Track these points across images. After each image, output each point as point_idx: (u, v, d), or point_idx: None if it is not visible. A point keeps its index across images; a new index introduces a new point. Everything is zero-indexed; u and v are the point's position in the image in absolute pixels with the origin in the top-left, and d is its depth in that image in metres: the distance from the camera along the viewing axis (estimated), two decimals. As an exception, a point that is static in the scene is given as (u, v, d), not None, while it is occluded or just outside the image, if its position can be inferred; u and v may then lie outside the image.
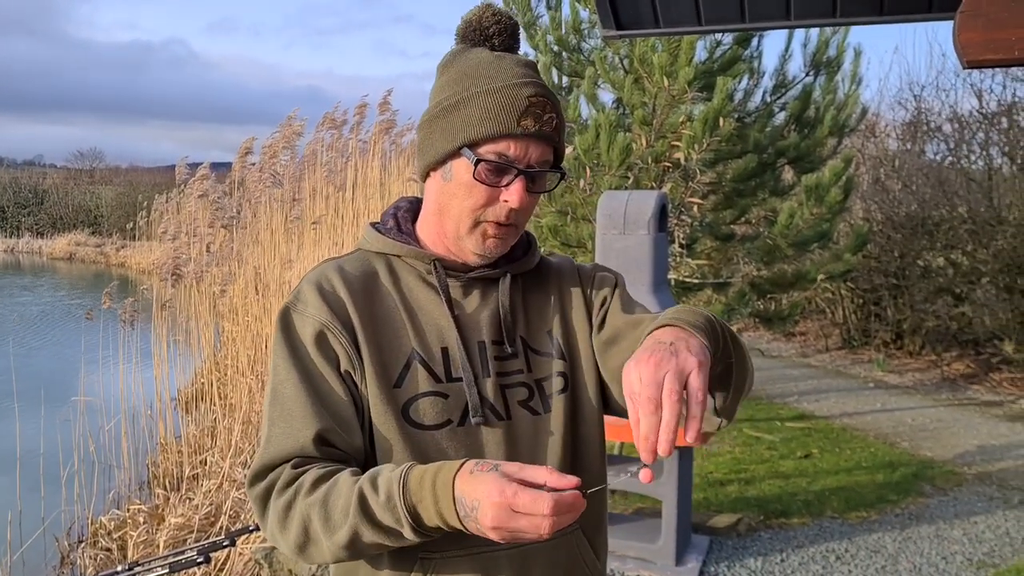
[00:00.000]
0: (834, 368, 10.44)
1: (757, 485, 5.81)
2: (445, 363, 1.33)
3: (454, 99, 1.31)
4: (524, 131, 1.28)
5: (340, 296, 1.33)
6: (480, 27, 1.36)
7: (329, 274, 1.36)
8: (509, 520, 1.05)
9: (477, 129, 1.28)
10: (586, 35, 7.26)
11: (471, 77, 1.32)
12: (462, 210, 1.32)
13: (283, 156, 7.37)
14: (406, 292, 1.37)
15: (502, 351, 1.36)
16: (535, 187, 1.32)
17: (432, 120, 1.34)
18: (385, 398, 1.29)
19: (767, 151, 6.78)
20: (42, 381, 8.10)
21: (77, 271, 30.25)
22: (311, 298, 1.33)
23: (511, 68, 1.32)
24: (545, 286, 1.47)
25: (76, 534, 5.69)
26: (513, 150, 1.28)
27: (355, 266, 1.39)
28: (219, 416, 6.79)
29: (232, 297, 7.59)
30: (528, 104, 1.29)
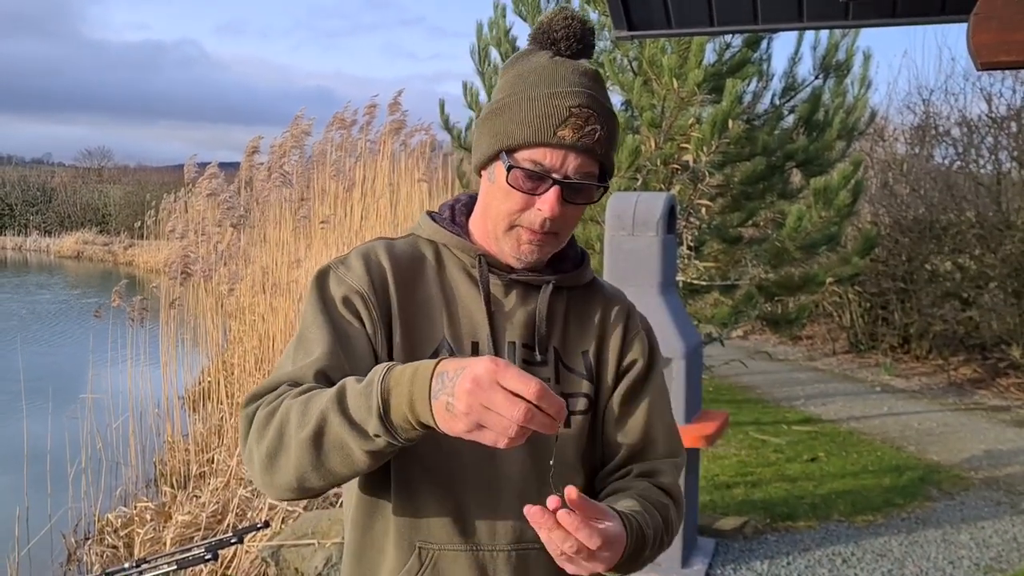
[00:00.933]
0: (841, 372, 10.42)
1: (763, 488, 5.81)
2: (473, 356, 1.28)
3: (504, 101, 1.31)
4: (561, 141, 1.26)
5: (384, 272, 1.34)
6: (549, 30, 1.34)
7: (379, 250, 1.37)
8: (489, 389, 0.99)
9: (515, 135, 1.28)
10: (595, 37, 7.25)
11: (523, 80, 1.31)
12: (499, 212, 1.31)
13: (292, 155, 7.39)
14: (448, 281, 1.38)
15: (531, 356, 1.36)
16: (574, 198, 1.29)
17: (483, 120, 1.34)
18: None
19: (776, 154, 6.77)
20: (50, 379, 8.13)
21: (85, 269, 30.35)
22: (356, 265, 1.34)
23: (564, 75, 1.30)
24: (591, 307, 1.45)
25: (83, 531, 5.71)
26: (549, 159, 1.26)
27: (405, 248, 1.39)
28: (226, 415, 6.80)
29: (239, 296, 7.61)
30: (569, 114, 1.26)
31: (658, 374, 1.47)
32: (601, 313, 1.44)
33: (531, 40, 1.37)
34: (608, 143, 1.30)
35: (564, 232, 1.34)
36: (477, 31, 8.06)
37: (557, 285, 1.39)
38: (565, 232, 1.35)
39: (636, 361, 1.44)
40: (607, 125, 1.30)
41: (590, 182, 1.30)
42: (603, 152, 1.30)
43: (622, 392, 1.42)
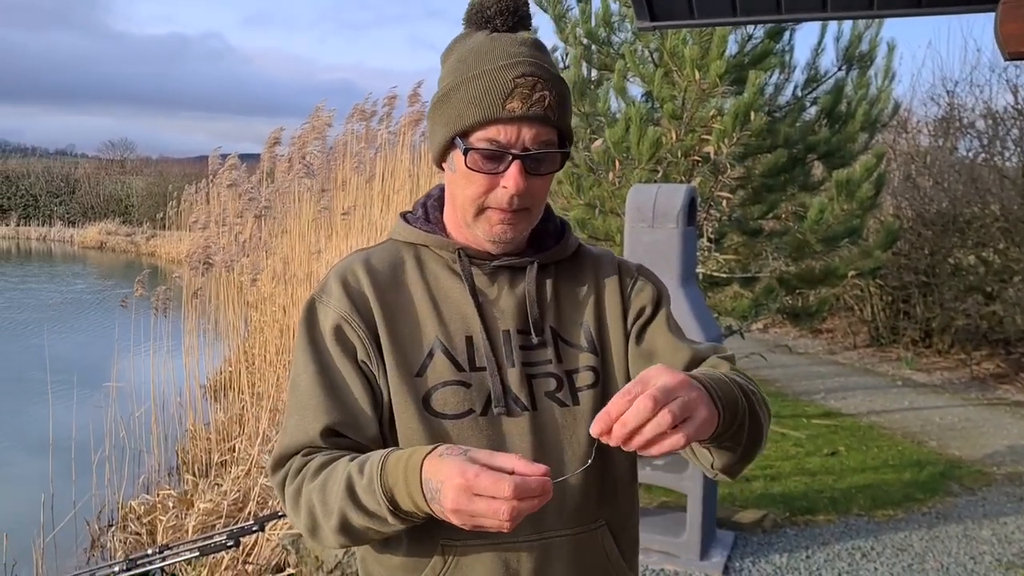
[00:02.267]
0: (862, 365, 10.36)
1: (783, 482, 5.79)
2: (469, 352, 1.31)
3: (446, 88, 1.29)
4: (511, 114, 1.23)
5: (363, 289, 1.33)
6: (481, 8, 1.32)
7: (355, 266, 1.36)
8: (469, 503, 1.04)
9: (464, 117, 1.26)
10: (616, 28, 7.23)
11: (462, 63, 1.29)
12: (465, 199, 1.30)
13: (313, 147, 7.42)
14: (432, 282, 1.36)
15: (528, 341, 1.34)
16: (537, 169, 1.27)
17: (432, 110, 1.33)
18: (406, 387, 1.28)
19: (797, 146, 6.72)
20: (75, 368, 8.22)
21: (108, 260, 30.60)
22: (335, 290, 1.33)
23: (503, 48, 1.27)
24: (580, 276, 1.43)
25: (107, 518, 5.78)
26: (504, 135, 1.24)
27: (383, 257, 1.38)
28: (247, 404, 6.86)
29: (260, 286, 7.66)
30: (514, 86, 1.24)
31: (668, 307, 1.46)
32: (592, 280, 1.43)
33: (465, 22, 1.34)
34: (560, 108, 1.27)
35: (535, 206, 1.32)
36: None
37: (542, 263, 1.38)
38: (536, 206, 1.32)
39: (645, 308, 1.42)
40: (556, 89, 1.26)
41: (550, 150, 1.27)
42: (557, 117, 1.26)
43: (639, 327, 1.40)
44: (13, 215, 42.01)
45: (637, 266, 1.49)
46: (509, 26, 1.31)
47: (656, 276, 1.50)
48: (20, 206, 42.95)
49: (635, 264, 1.50)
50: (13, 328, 14.92)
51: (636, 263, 1.51)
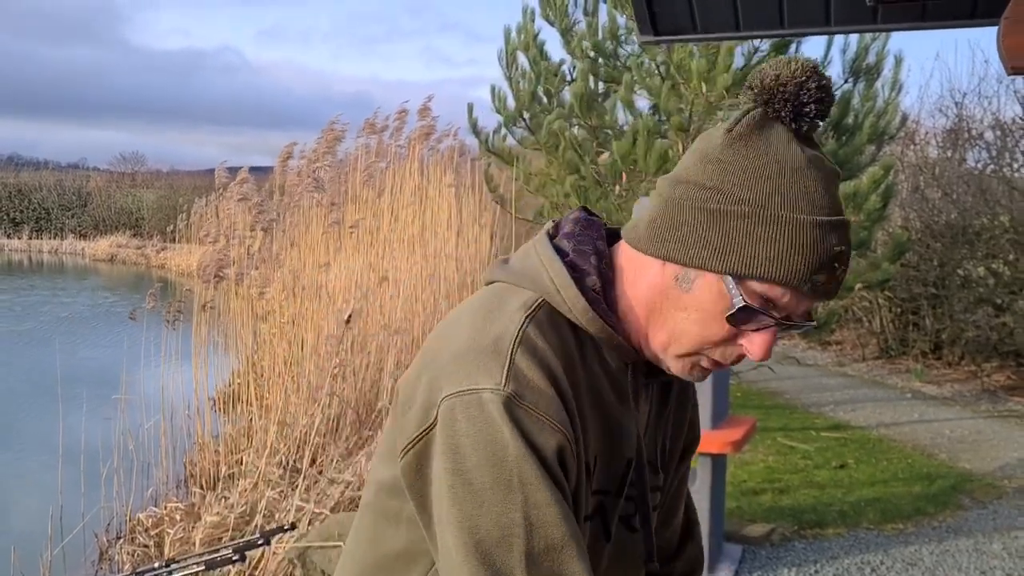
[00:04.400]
0: (871, 378, 10.33)
1: (791, 495, 5.77)
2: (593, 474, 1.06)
3: (746, 206, 0.97)
4: (813, 288, 0.98)
5: (564, 386, 0.99)
6: (794, 96, 0.99)
7: (544, 352, 0.99)
8: None
9: (755, 265, 0.97)
10: (623, 41, 7.26)
11: (775, 186, 0.97)
12: (686, 335, 1.02)
13: (324, 161, 7.46)
14: (594, 383, 1.06)
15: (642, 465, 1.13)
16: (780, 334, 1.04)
17: (707, 212, 0.99)
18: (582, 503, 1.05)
19: (803, 157, 6.72)
20: (85, 380, 8.26)
21: (118, 272, 30.77)
22: (545, 390, 0.97)
23: (824, 191, 0.98)
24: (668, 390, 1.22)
25: (115, 530, 5.79)
26: (788, 301, 0.99)
27: (551, 332, 1.02)
28: (255, 416, 6.87)
29: (269, 299, 7.69)
30: (834, 258, 0.98)
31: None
32: (676, 387, 1.22)
33: (761, 98, 1.00)
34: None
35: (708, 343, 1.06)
36: (505, 36, 8.07)
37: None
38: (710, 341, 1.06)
39: (697, 436, 1.29)
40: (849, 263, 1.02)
41: (807, 324, 1.03)
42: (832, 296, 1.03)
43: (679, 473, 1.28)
44: (25, 228, 42.33)
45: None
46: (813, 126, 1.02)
47: None
48: (32, 219, 43.28)
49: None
50: (25, 340, 15.02)
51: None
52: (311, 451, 5.80)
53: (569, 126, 7.14)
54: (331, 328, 6.68)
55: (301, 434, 6.08)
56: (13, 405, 9.53)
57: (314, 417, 5.98)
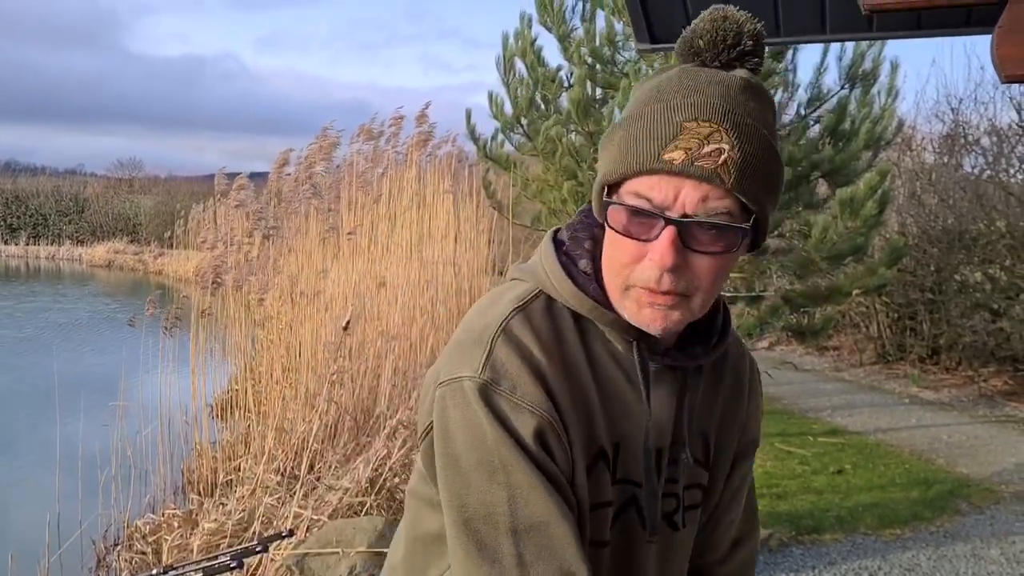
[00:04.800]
0: (868, 383, 10.34)
1: (789, 500, 5.77)
2: (619, 461, 1.07)
3: (613, 126, 1.02)
4: (667, 166, 0.93)
5: (547, 376, 1.01)
6: (692, 37, 1.01)
7: (526, 340, 1.02)
8: None
9: (617, 162, 0.98)
10: (620, 47, 7.27)
11: (637, 96, 1.01)
12: (610, 267, 1.03)
13: (320, 167, 7.47)
14: (597, 367, 1.06)
15: (676, 455, 1.11)
16: (700, 244, 0.95)
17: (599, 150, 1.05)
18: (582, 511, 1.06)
19: (801, 164, 6.74)
20: (83, 386, 8.26)
21: (116, 278, 30.75)
22: (522, 377, 0.99)
23: (689, 82, 0.97)
24: (718, 379, 1.19)
25: (112, 537, 5.78)
26: (657, 191, 0.94)
27: (543, 323, 1.04)
28: (253, 423, 6.87)
29: (267, 305, 7.69)
30: (680, 130, 0.93)
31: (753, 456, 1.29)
32: (730, 386, 1.19)
33: (676, 55, 1.05)
34: (744, 170, 0.94)
35: (698, 294, 0.99)
36: (503, 42, 8.09)
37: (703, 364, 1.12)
38: (700, 294, 0.99)
39: (753, 439, 1.25)
40: (743, 147, 0.94)
41: (718, 221, 0.95)
42: (734, 180, 0.93)
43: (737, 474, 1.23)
44: (23, 234, 42.34)
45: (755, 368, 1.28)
46: (722, 62, 1.00)
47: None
48: (29, 225, 43.30)
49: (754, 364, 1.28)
50: (25, 346, 15.01)
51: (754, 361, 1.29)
52: (309, 458, 5.80)
53: (567, 132, 7.14)
54: (329, 334, 6.68)
55: (299, 441, 6.08)
56: (13, 411, 9.53)
57: (312, 424, 5.98)
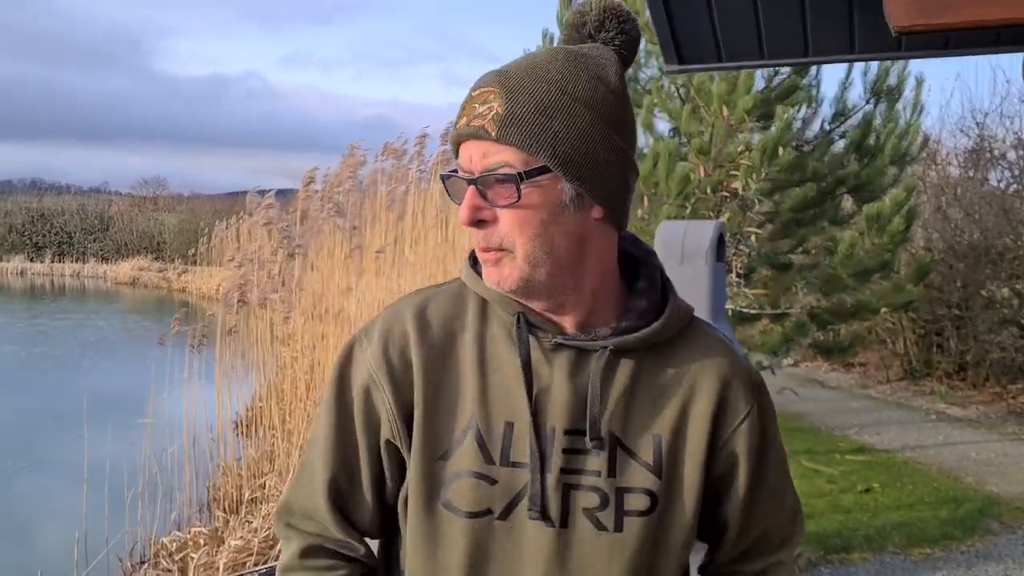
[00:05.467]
0: (895, 400, 10.23)
1: (816, 519, 5.71)
2: (505, 442, 1.08)
3: None
4: (457, 132, 1.05)
5: (408, 346, 1.11)
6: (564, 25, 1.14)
7: (406, 314, 1.14)
8: None
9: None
10: (643, 64, 7.29)
11: None
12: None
13: (346, 185, 7.52)
14: (488, 346, 1.11)
15: (577, 443, 1.08)
16: (495, 198, 1.03)
17: None
18: (424, 472, 1.09)
19: (826, 180, 6.72)
20: (110, 404, 8.32)
21: (141, 296, 31.03)
22: (376, 338, 1.14)
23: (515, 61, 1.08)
24: (675, 370, 1.12)
25: (139, 555, 5.81)
26: (460, 156, 1.06)
27: (443, 305, 1.15)
28: (278, 440, 6.89)
29: (291, 323, 7.74)
30: (468, 99, 1.05)
31: (772, 449, 1.18)
32: (689, 380, 1.12)
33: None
34: (508, 120, 1.00)
35: (518, 247, 1.04)
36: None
37: (619, 349, 1.09)
38: (520, 247, 1.04)
39: (740, 444, 1.14)
40: (513, 100, 1.01)
41: (494, 173, 1.01)
42: (498, 131, 1.00)
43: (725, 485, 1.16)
44: (48, 252, 42.82)
45: (755, 383, 1.17)
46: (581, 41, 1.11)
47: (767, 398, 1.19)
48: (55, 243, 43.79)
49: (754, 378, 1.18)
50: (53, 363, 15.17)
51: (754, 370, 1.20)
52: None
53: (589, 149, 7.17)
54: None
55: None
56: (44, 429, 9.65)
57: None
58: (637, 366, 1.10)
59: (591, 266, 1.08)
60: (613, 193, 1.06)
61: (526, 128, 1.00)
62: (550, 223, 1.03)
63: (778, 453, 1.20)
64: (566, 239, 1.04)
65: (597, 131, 1.03)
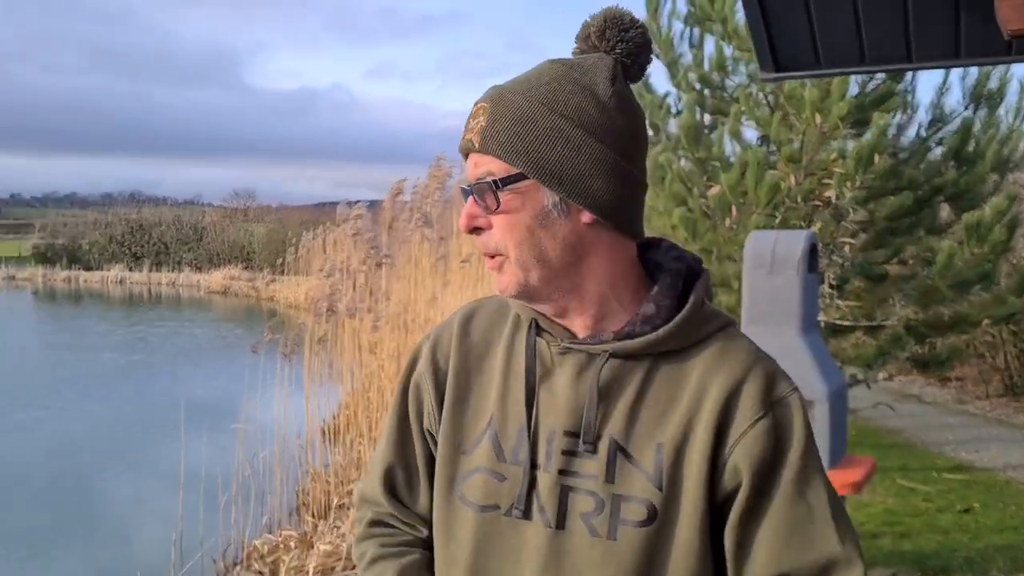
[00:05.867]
0: (995, 416, 9.81)
1: (913, 539, 5.52)
2: (516, 441, 1.13)
3: None
4: (460, 146, 1.13)
5: (451, 350, 1.22)
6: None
7: (455, 321, 1.25)
8: None
9: None
10: (730, 72, 7.19)
11: None
12: None
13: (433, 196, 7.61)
14: (514, 351, 1.17)
15: (574, 445, 1.09)
16: (487, 207, 1.09)
17: None
18: (447, 463, 1.17)
19: (923, 188, 6.51)
20: (205, 409, 8.60)
21: (232, 304, 31.95)
22: (431, 341, 1.26)
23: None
24: (684, 380, 1.09)
25: (231, 556, 5.96)
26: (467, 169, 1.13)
27: (489, 312, 1.24)
28: (364, 447, 6.99)
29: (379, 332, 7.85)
30: (469, 114, 1.13)
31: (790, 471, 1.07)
32: (698, 389, 1.08)
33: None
34: (488, 133, 1.08)
35: (510, 252, 1.09)
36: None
37: (627, 354, 1.09)
38: (512, 252, 1.09)
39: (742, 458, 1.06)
40: (498, 112, 1.08)
41: (483, 182, 1.08)
42: (480, 142, 1.08)
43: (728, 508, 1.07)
44: (146, 262, 44.45)
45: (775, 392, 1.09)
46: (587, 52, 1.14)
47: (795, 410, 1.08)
48: (152, 253, 45.44)
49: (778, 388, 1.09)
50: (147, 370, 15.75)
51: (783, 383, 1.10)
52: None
53: (676, 158, 7.10)
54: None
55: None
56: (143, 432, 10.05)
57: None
58: (648, 373, 1.10)
59: (591, 271, 1.11)
60: (602, 199, 1.07)
61: (503, 138, 1.06)
62: (536, 228, 1.08)
63: (801, 477, 1.06)
64: (556, 244, 1.08)
65: (576, 138, 1.06)
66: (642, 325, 1.09)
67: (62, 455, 9.51)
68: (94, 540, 7.02)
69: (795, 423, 1.07)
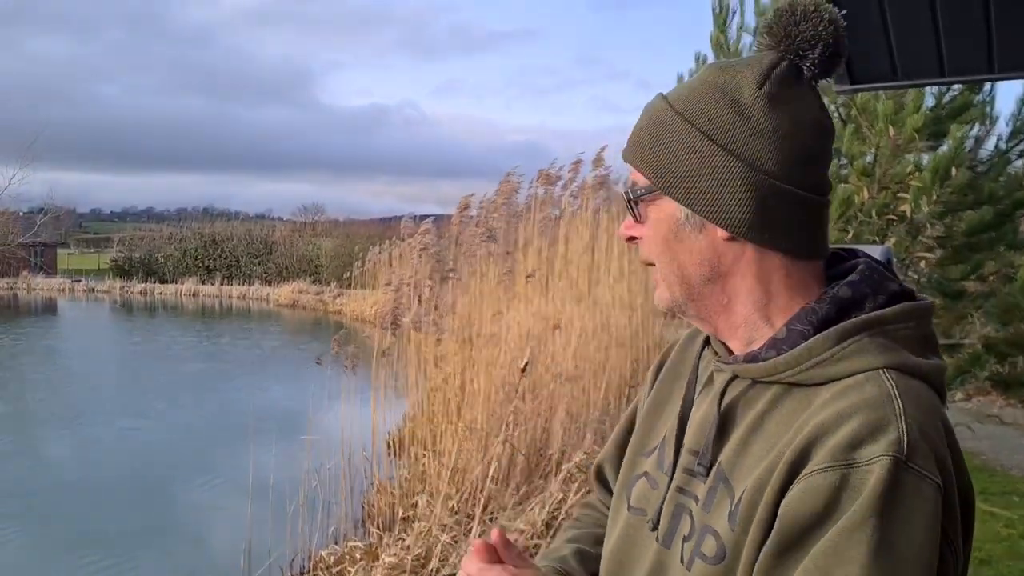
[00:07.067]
0: (1080, 439, 9.40)
1: (995, 566, 5.31)
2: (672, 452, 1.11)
3: None
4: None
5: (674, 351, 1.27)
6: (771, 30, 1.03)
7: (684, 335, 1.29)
8: None
9: None
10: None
11: None
12: None
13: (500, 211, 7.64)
14: (701, 368, 1.17)
15: (692, 464, 1.06)
16: (636, 217, 1.09)
17: None
18: (629, 463, 1.22)
19: (1004, 202, 6.30)
20: (273, 420, 8.75)
21: (300, 317, 32.50)
22: (671, 344, 1.30)
23: None
24: (796, 416, 0.97)
25: (298, 566, 6.03)
26: None
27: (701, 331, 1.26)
28: (429, 461, 7.02)
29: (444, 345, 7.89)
30: None
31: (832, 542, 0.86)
32: (798, 427, 0.94)
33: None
34: (630, 143, 1.08)
35: (656, 262, 1.08)
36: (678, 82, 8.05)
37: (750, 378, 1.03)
38: (657, 264, 1.08)
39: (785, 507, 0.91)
40: (645, 124, 1.06)
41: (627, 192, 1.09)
42: (626, 153, 1.09)
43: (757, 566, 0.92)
44: (218, 275, 45.53)
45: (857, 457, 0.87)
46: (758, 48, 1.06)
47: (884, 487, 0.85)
48: (224, 266, 46.52)
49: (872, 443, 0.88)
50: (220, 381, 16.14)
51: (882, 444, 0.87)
52: (484, 498, 5.85)
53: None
54: (502, 375, 6.76)
55: (474, 480, 6.15)
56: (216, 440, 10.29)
57: (488, 465, 6.04)
58: (773, 402, 1.00)
59: (734, 289, 1.04)
60: (734, 213, 0.99)
61: (637, 149, 1.06)
62: (672, 241, 1.05)
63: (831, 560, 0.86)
64: (693, 259, 1.04)
65: (704, 149, 1.00)
66: (767, 350, 1.01)
67: (154, 462, 9.88)
68: (175, 546, 7.21)
69: (865, 495, 0.86)
